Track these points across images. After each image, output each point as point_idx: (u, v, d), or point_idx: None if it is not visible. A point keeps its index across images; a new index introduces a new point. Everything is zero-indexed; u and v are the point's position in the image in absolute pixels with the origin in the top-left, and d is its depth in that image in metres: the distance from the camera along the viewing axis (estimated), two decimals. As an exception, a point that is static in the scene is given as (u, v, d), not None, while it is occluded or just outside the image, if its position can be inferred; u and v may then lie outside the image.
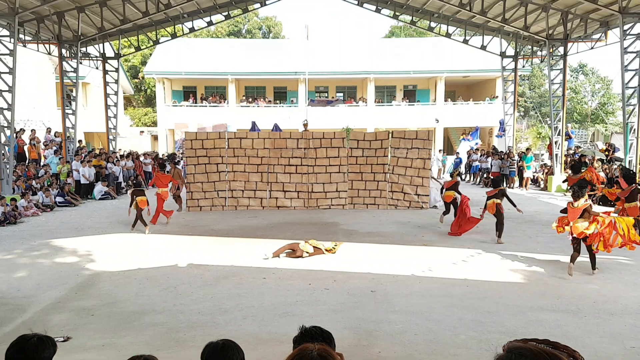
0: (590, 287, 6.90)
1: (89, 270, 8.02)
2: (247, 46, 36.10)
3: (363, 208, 14.58)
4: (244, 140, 14.56)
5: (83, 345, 5.04)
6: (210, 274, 7.67)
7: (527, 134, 36.24)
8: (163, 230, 11.49)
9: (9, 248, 9.68)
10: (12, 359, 2.45)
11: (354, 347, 4.88)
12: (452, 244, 9.72)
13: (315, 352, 1.36)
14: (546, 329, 5.28)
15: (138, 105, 45.45)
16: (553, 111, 20.21)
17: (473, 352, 4.80)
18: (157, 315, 5.89)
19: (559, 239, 10.14)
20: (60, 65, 18.94)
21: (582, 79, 46.63)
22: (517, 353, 1.29)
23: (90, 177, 17.74)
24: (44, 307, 6.25)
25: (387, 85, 34.13)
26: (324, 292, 6.74)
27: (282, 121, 24.20)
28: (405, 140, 14.54)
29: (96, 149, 23.23)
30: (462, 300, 6.34)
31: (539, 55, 22.20)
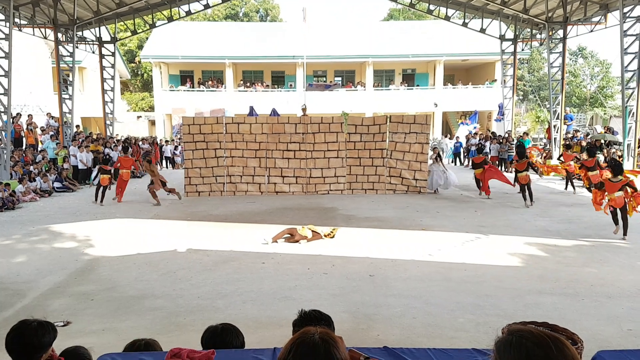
0: (588, 270, 6.94)
1: (88, 255, 8.04)
2: (245, 30, 35.81)
3: (361, 193, 14.59)
4: (241, 125, 14.50)
5: (83, 329, 5.06)
6: (210, 259, 7.69)
7: (525, 118, 36.15)
8: (162, 215, 11.50)
9: (7, 233, 9.68)
10: (13, 343, 2.45)
11: (353, 330, 4.91)
12: (450, 228, 9.75)
13: (317, 335, 1.36)
14: (544, 312, 5.31)
15: (135, 90, 45.18)
16: (552, 95, 20.15)
17: (471, 334, 4.83)
18: (157, 300, 5.92)
19: (556, 222, 10.20)
20: (57, 50, 18.78)
21: (581, 62, 46.37)
22: (518, 336, 1.29)
23: (88, 163, 17.68)
24: (44, 292, 6.27)
25: (385, 69, 33.94)
26: (322, 276, 6.77)
27: (280, 106, 24.09)
28: (403, 125, 14.49)
29: (93, 134, 23.13)
30: (460, 284, 6.37)
31: (538, 39, 22.06)
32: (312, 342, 1.34)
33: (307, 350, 1.33)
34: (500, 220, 10.46)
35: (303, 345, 1.34)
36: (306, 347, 1.33)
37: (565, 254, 7.83)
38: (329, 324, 2.48)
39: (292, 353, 1.33)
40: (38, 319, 2.54)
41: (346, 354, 1.37)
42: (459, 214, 11.30)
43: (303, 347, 1.33)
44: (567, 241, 8.63)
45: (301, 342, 1.35)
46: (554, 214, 11.11)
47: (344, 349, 1.38)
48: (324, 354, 1.32)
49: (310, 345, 1.33)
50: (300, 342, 1.35)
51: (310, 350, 1.32)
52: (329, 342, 1.34)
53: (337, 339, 1.38)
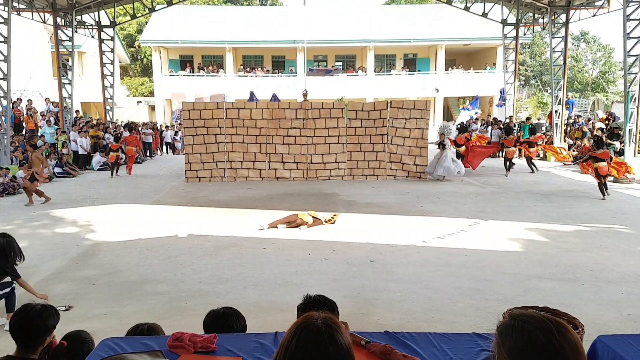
0: (588, 255, 6.96)
1: (90, 240, 8.06)
2: (245, 13, 35.53)
3: (362, 179, 14.58)
4: (242, 110, 14.45)
5: (85, 314, 5.10)
6: (210, 244, 7.71)
7: (527, 103, 36.01)
8: (162, 201, 11.52)
9: (8, 218, 9.71)
10: (18, 327, 2.47)
11: (353, 315, 4.93)
12: (451, 214, 9.76)
13: (320, 320, 1.36)
14: (544, 297, 5.34)
15: (134, 75, 44.95)
16: (554, 80, 20.03)
17: (471, 319, 4.86)
18: (158, 285, 5.94)
19: (557, 208, 10.20)
20: (56, 34, 18.65)
21: (583, 47, 46.11)
22: (520, 320, 1.29)
23: (88, 148, 17.67)
24: (46, 276, 6.30)
25: (386, 54, 33.73)
26: (323, 262, 6.79)
27: (280, 91, 23.96)
28: (404, 110, 14.44)
29: (93, 119, 23.07)
30: (460, 269, 6.40)
31: (540, 23, 21.84)
32: (315, 327, 1.34)
33: (310, 335, 1.32)
34: (501, 206, 10.46)
35: (306, 330, 1.34)
36: (310, 332, 1.33)
37: (565, 239, 7.85)
38: (333, 309, 2.50)
39: (295, 338, 1.33)
40: (41, 302, 2.56)
41: (349, 339, 1.37)
42: (459, 199, 11.30)
43: (306, 332, 1.33)
44: (567, 227, 8.64)
45: (304, 327, 1.35)
46: (554, 200, 11.11)
47: (347, 334, 1.38)
48: (327, 339, 1.32)
49: (313, 330, 1.33)
50: (303, 327, 1.35)
51: (313, 335, 1.32)
52: (333, 327, 1.34)
53: (340, 324, 1.38)
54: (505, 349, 1.28)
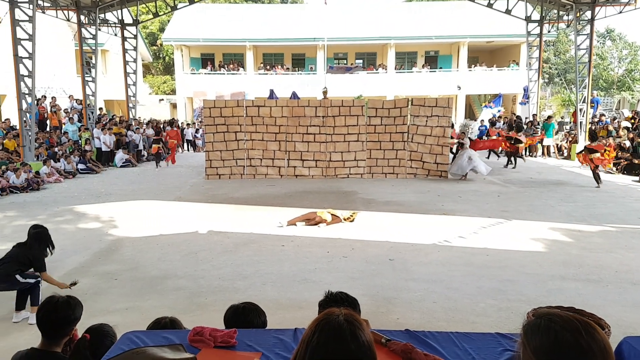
0: (613, 256, 6.81)
1: (112, 235, 8.17)
2: (265, 12, 35.60)
3: (381, 177, 14.51)
4: (262, 108, 14.49)
5: (107, 308, 5.16)
6: (230, 240, 7.75)
7: (551, 102, 35.43)
8: (183, 197, 11.62)
9: (32, 214, 9.89)
10: (46, 319, 2.49)
11: (373, 313, 4.91)
12: (473, 213, 9.64)
13: (341, 316, 1.34)
14: (567, 298, 5.24)
15: (157, 73, 45.45)
16: (578, 78, 19.64)
17: (492, 319, 4.80)
18: (179, 280, 6.00)
19: (581, 208, 10.01)
20: (79, 32, 18.94)
21: (609, 44, 45.15)
22: (547, 319, 1.25)
23: (111, 145, 17.92)
24: (69, 271, 6.40)
25: (407, 51, 33.46)
26: (342, 259, 6.77)
27: (300, 89, 23.98)
28: (425, 108, 14.31)
29: (116, 116, 23.38)
30: (481, 269, 6.32)
31: (565, 20, 21.43)
32: (337, 324, 1.32)
33: (332, 332, 1.31)
34: (524, 205, 10.31)
35: (328, 326, 1.32)
36: (331, 328, 1.31)
37: (589, 239, 7.70)
38: (355, 306, 2.48)
39: (316, 334, 1.31)
40: (63, 294, 2.60)
41: (371, 336, 1.35)
42: (481, 198, 11.17)
43: (328, 328, 1.32)
44: (591, 227, 8.48)
45: (326, 324, 1.33)
46: (579, 199, 10.91)
47: (369, 331, 1.36)
48: (349, 336, 1.30)
49: (335, 327, 1.31)
50: (325, 323, 1.33)
51: (335, 332, 1.30)
52: (354, 324, 1.33)
53: (361, 321, 1.36)
54: (531, 349, 1.24)
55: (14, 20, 14.13)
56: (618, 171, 14.94)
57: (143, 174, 15.96)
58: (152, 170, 16.74)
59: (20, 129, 14.60)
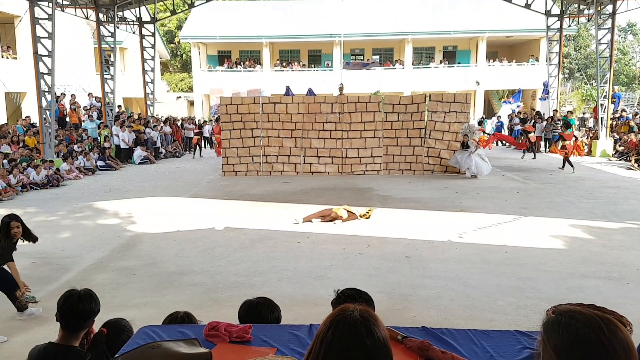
0: (635, 253, 6.68)
1: (130, 231, 8.25)
2: (282, 8, 35.58)
3: (398, 174, 14.42)
4: (278, 105, 14.50)
5: (125, 303, 5.22)
6: (246, 237, 7.77)
7: (571, 97, 34.88)
8: (200, 194, 11.69)
9: (52, 210, 10.04)
10: (70, 311, 2.50)
11: (389, 310, 4.88)
12: (491, 210, 9.53)
13: (356, 312, 1.32)
14: (587, 296, 5.15)
15: (174, 71, 45.79)
16: (599, 73, 19.27)
17: (511, 317, 4.73)
18: (196, 276, 6.03)
19: (602, 205, 9.84)
20: (98, 30, 19.15)
21: (630, 39, 44.29)
22: (568, 316, 1.21)
23: (130, 142, 18.10)
24: (87, 266, 6.48)
25: (425, 47, 33.19)
26: (358, 256, 6.74)
27: (316, 85, 23.91)
28: (443, 104, 14.18)
29: (134, 114, 23.62)
30: (500, 266, 6.24)
31: (585, 14, 21.05)
32: (352, 320, 1.30)
33: (347, 328, 1.29)
34: (543, 202, 10.16)
35: (343, 322, 1.30)
36: (346, 324, 1.29)
37: (610, 236, 7.56)
38: (368, 301, 2.46)
39: (331, 330, 1.29)
40: (84, 288, 2.62)
41: (387, 332, 1.33)
42: (500, 195, 11.04)
43: (343, 324, 1.29)
44: (612, 224, 8.32)
45: (341, 319, 1.31)
46: (600, 196, 10.72)
47: (384, 327, 1.34)
48: (365, 332, 1.27)
49: (350, 323, 1.29)
50: (340, 319, 1.31)
51: (350, 328, 1.28)
52: (370, 320, 1.30)
53: (376, 317, 1.34)
54: (551, 346, 1.21)
55: (33, 19, 14.33)
56: (639, 167, 14.66)
57: (161, 170, 16.11)
58: (170, 167, 16.86)
59: (40, 126, 14.82)
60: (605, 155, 17.98)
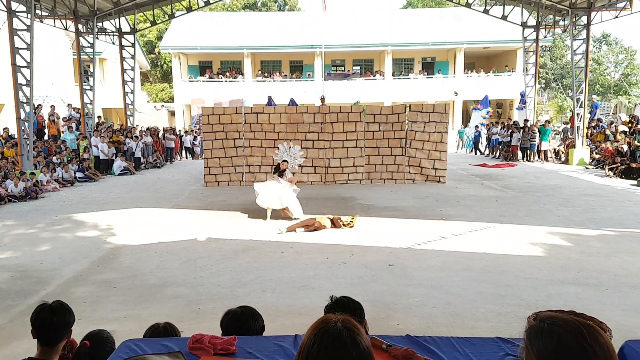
0: (612, 260, 6.81)
1: (110, 244, 8.15)
2: (263, 19, 35.73)
3: (380, 183, 14.52)
4: (260, 115, 14.51)
5: (106, 316, 5.14)
6: (229, 247, 7.73)
7: (548, 107, 35.56)
8: (182, 204, 11.60)
9: (31, 222, 9.86)
10: (45, 324, 2.47)
11: (373, 319, 4.87)
12: (471, 218, 9.65)
13: (339, 323, 1.31)
14: (567, 302, 5.23)
15: (154, 81, 45.53)
16: (575, 83, 19.72)
17: (492, 324, 4.78)
18: (178, 288, 5.97)
19: (579, 212, 10.02)
20: (77, 41, 18.98)
21: (605, 49, 45.38)
22: (550, 322, 1.24)
23: (109, 153, 17.91)
24: (67, 279, 6.37)
25: (404, 58, 33.62)
26: (341, 265, 6.76)
27: (298, 96, 24.04)
28: (423, 114, 14.35)
29: (115, 124, 23.40)
30: (481, 273, 6.31)
31: (561, 25, 21.56)
32: (335, 331, 1.29)
33: (331, 341, 1.28)
34: (522, 210, 10.31)
35: (327, 334, 1.29)
36: (330, 336, 1.29)
37: (588, 243, 7.69)
38: (361, 311, 2.48)
39: (316, 343, 1.29)
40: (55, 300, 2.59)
41: (369, 341, 1.34)
42: (479, 203, 11.17)
43: (327, 336, 1.29)
44: (590, 231, 8.48)
45: (325, 332, 1.30)
46: (577, 204, 10.92)
47: (367, 336, 1.35)
48: (350, 343, 1.28)
49: (334, 335, 1.29)
50: (323, 331, 1.31)
51: (335, 340, 1.28)
52: (353, 330, 1.30)
53: (359, 326, 1.34)
54: (534, 352, 1.24)
55: (12, 30, 14.16)
56: (616, 175, 14.96)
57: (141, 181, 15.95)
58: (151, 177, 16.71)
59: (19, 137, 14.59)
60: (582, 163, 18.34)
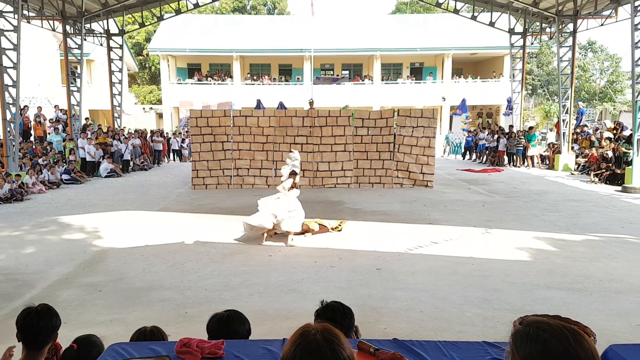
0: (597, 265, 6.89)
1: (96, 246, 8.07)
2: (252, 23, 35.74)
3: (368, 187, 14.56)
4: (249, 118, 14.49)
5: (91, 320, 5.09)
6: (217, 251, 7.70)
7: (534, 113, 35.94)
8: (169, 207, 11.54)
9: (16, 225, 9.75)
10: (32, 328, 2.45)
11: (360, 323, 4.84)
12: (458, 222, 9.71)
13: (319, 334, 1.28)
14: (552, 307, 5.28)
15: (143, 83, 45.27)
16: (561, 89, 19.96)
17: (478, 329, 4.82)
18: (165, 292, 5.94)
19: (565, 217, 10.13)
20: (65, 42, 18.82)
21: (590, 56, 46.01)
22: (536, 327, 1.26)
23: (96, 155, 17.76)
24: (52, 283, 6.31)
25: (393, 63, 33.81)
26: (329, 269, 6.76)
27: (287, 99, 24.05)
28: (411, 119, 14.44)
29: (102, 126, 23.22)
30: (467, 278, 6.35)
31: (547, 32, 21.83)
32: (315, 344, 1.27)
33: (311, 355, 1.25)
34: (508, 215, 10.41)
35: (307, 348, 1.26)
36: (311, 350, 1.26)
37: (573, 248, 7.78)
38: (351, 316, 2.49)
39: (298, 356, 1.26)
40: (41, 303, 2.57)
41: (351, 350, 1.32)
42: (466, 208, 11.25)
43: (308, 351, 1.26)
44: (575, 236, 8.58)
45: (305, 347, 1.27)
46: (562, 209, 11.04)
47: (348, 344, 1.33)
48: (330, 356, 1.25)
49: (314, 348, 1.26)
50: (303, 346, 1.27)
51: (314, 354, 1.25)
52: (333, 341, 1.27)
53: (339, 335, 1.31)
54: (519, 356, 1.25)
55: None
56: (601, 181, 15.16)
57: (128, 184, 15.83)
58: (138, 180, 16.61)
59: (5, 139, 14.41)
60: (567, 169, 18.56)
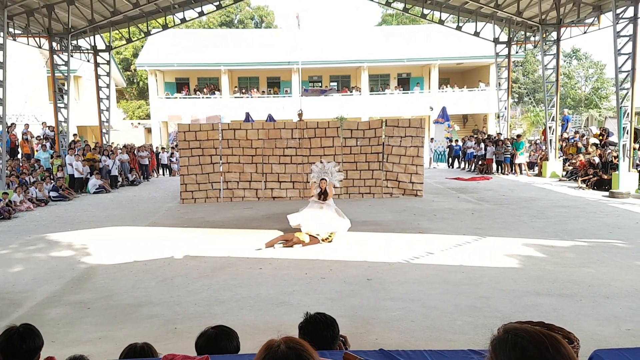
0: (586, 271, 6.94)
1: (85, 263, 8.00)
2: (240, 36, 35.90)
3: (358, 197, 14.58)
4: (238, 131, 14.50)
5: (80, 338, 5.03)
6: (207, 265, 7.66)
7: (521, 120, 36.29)
8: (158, 222, 11.47)
9: (4, 243, 9.64)
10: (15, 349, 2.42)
11: (351, 334, 4.87)
12: (448, 231, 9.74)
13: (282, 345, 1.32)
14: (542, 313, 5.31)
15: (131, 98, 45.16)
16: (547, 97, 20.20)
17: (469, 337, 4.82)
18: (154, 307, 5.88)
19: (553, 224, 10.20)
20: (51, 59, 18.75)
21: (575, 64, 46.63)
22: (514, 334, 1.28)
23: (84, 172, 17.65)
24: (40, 301, 6.23)
25: (380, 74, 34.06)
26: (320, 281, 6.75)
27: (276, 111, 24.13)
28: (399, 129, 14.52)
29: (90, 142, 23.12)
30: (458, 286, 6.36)
31: (532, 41, 22.13)
32: (280, 355, 1.30)
33: None
34: (497, 222, 10.46)
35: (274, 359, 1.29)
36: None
37: (562, 254, 7.83)
38: (333, 326, 2.50)
39: None
40: (22, 324, 2.54)
41: (317, 356, 1.34)
42: (455, 216, 11.30)
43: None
44: (564, 242, 8.63)
45: (271, 358, 1.31)
46: (551, 215, 11.12)
47: (315, 353, 1.35)
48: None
49: (280, 357, 1.30)
50: (269, 358, 1.31)
51: None
52: (297, 349, 1.31)
53: (304, 343, 1.34)
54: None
55: (-17, 48, 13.95)
56: (588, 187, 15.30)
57: (117, 200, 15.73)
58: (127, 195, 16.51)
59: (-9, 157, 14.30)
60: (555, 175, 18.72)
